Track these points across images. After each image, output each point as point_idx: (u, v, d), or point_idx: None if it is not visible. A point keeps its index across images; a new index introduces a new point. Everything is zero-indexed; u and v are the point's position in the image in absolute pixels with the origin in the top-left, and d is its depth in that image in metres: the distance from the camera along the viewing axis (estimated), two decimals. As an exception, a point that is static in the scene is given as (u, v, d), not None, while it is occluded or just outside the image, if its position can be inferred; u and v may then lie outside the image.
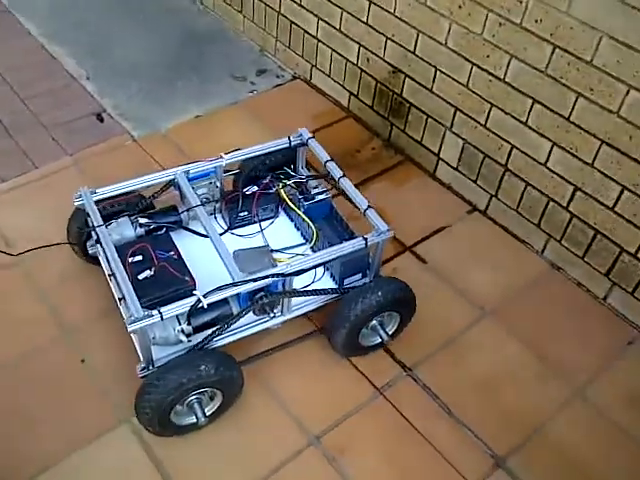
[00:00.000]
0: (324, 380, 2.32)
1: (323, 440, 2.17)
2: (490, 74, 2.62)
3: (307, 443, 2.16)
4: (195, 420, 2.08)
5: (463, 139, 2.88)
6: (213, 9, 4.07)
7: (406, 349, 2.42)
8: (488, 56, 2.58)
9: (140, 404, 2.01)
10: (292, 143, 2.57)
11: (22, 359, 2.31)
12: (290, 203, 2.49)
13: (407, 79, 3.00)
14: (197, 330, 2.12)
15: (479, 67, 2.64)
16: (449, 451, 2.17)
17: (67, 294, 2.50)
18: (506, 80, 2.57)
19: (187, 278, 2.15)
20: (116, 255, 2.14)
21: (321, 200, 2.51)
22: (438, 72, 2.83)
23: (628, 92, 2.22)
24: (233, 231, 2.55)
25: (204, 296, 2.03)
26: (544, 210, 2.69)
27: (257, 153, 2.54)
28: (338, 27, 3.22)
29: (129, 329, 1.95)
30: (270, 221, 2.61)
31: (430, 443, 2.18)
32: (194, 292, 2.05)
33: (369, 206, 2.33)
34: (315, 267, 2.22)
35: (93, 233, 2.31)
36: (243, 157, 2.53)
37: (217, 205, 2.57)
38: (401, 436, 2.20)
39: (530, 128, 2.58)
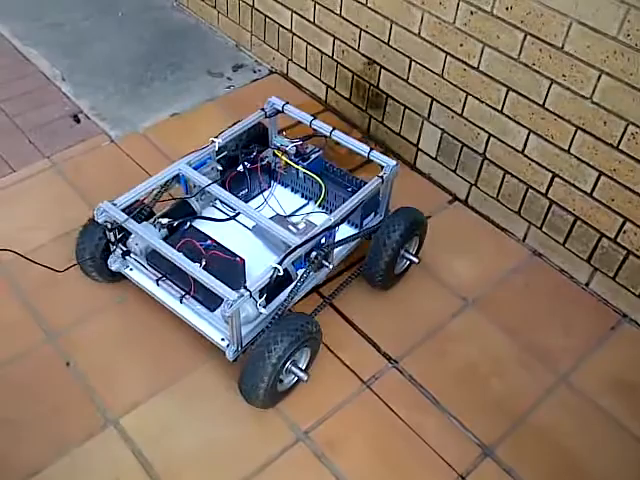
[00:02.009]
0: (311, 375, 2.32)
1: (311, 435, 2.17)
2: (464, 63, 2.61)
3: (295, 439, 2.16)
4: (297, 379, 2.20)
5: (441, 129, 2.88)
6: (187, 5, 4.04)
7: (391, 341, 2.43)
8: (461, 45, 2.58)
9: (252, 380, 2.07)
10: (268, 113, 2.66)
11: (7, 364, 2.30)
12: (295, 165, 2.61)
13: (383, 70, 2.99)
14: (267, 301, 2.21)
15: (453, 56, 2.64)
16: (437, 442, 2.17)
17: (50, 298, 2.48)
18: (480, 69, 2.57)
19: (237, 258, 2.22)
20: (176, 251, 2.16)
21: (316, 158, 2.64)
22: (413, 62, 2.82)
23: (600, 77, 2.22)
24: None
25: (279, 264, 2.10)
26: (524, 198, 2.70)
27: (240, 130, 2.61)
28: (312, 20, 3.21)
29: (228, 314, 1.99)
30: (267, 192, 2.70)
31: (418, 435, 2.19)
32: (270, 263, 2.11)
33: (371, 148, 2.49)
34: (352, 212, 2.37)
35: (115, 247, 2.34)
36: (231, 136, 2.59)
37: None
38: (389, 429, 2.20)
39: (506, 116, 2.58)
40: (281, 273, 2.10)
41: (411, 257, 2.50)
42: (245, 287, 2.03)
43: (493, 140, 2.69)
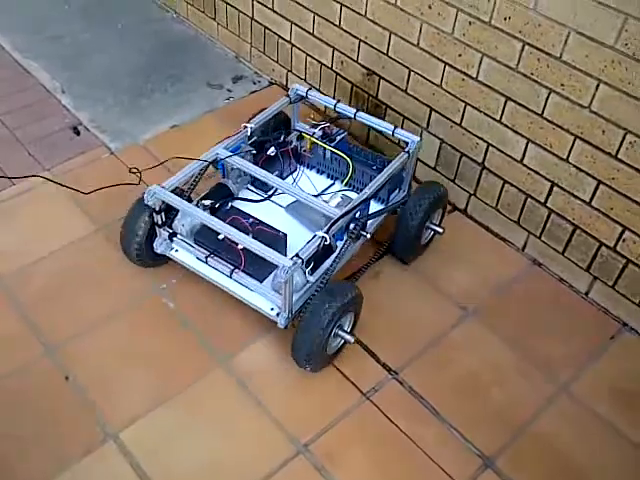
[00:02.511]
0: (310, 387, 2.32)
1: (311, 448, 2.16)
2: (463, 73, 2.62)
3: (295, 452, 2.15)
4: (344, 342, 2.32)
5: (440, 139, 2.88)
6: (187, 17, 4.05)
7: (390, 352, 2.42)
8: (460, 55, 2.58)
9: (304, 345, 2.19)
10: (292, 99, 2.81)
11: (5, 378, 2.29)
12: (324, 145, 2.75)
13: (382, 81, 2.99)
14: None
15: (452, 66, 2.64)
16: (438, 453, 2.16)
17: (48, 311, 2.48)
18: (479, 79, 2.57)
19: (280, 233, 2.36)
20: (226, 224, 2.28)
21: (341, 139, 2.81)
22: (412, 73, 2.83)
23: (598, 86, 2.22)
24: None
25: (326, 233, 2.23)
26: (523, 207, 2.70)
27: (268, 116, 2.74)
28: (311, 31, 3.22)
29: (283, 279, 2.10)
30: (296, 173, 2.85)
31: (418, 446, 2.18)
32: (317, 233, 2.24)
33: (395, 126, 2.66)
34: (383, 186, 2.51)
35: (162, 230, 2.42)
36: (261, 122, 2.71)
37: (247, 177, 2.75)
38: (389, 440, 2.19)
39: (505, 125, 2.58)
40: (327, 242, 2.23)
41: (435, 227, 2.65)
42: (297, 255, 2.14)
43: (492, 150, 2.69)
